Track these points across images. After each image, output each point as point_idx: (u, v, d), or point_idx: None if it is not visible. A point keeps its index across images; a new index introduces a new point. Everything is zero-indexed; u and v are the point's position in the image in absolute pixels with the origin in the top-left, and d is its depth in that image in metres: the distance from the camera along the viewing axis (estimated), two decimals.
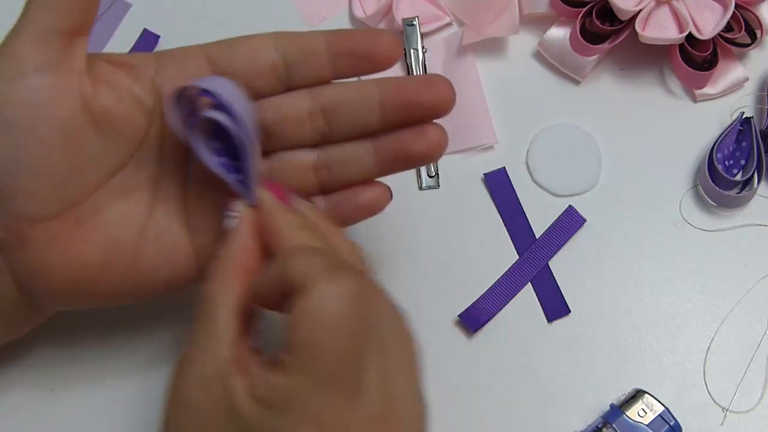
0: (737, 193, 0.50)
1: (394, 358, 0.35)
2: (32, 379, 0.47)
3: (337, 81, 0.41)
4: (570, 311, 0.49)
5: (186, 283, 0.41)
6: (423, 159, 0.40)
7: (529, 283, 0.50)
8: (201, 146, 0.37)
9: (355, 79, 0.43)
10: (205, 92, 0.37)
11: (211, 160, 0.37)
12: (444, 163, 0.52)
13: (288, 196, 0.38)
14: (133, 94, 0.39)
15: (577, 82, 0.54)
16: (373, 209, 0.41)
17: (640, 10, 0.51)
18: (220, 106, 0.37)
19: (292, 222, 0.36)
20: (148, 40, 0.55)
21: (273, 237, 0.36)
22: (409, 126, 0.39)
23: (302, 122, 0.40)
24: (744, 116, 0.51)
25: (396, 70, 0.54)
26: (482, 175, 0.52)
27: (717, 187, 0.50)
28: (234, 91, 0.37)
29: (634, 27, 0.51)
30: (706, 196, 0.51)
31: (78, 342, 0.48)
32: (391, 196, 0.42)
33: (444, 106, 0.39)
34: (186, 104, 0.37)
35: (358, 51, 0.39)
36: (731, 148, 0.51)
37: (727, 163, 0.51)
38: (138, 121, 0.39)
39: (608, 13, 0.51)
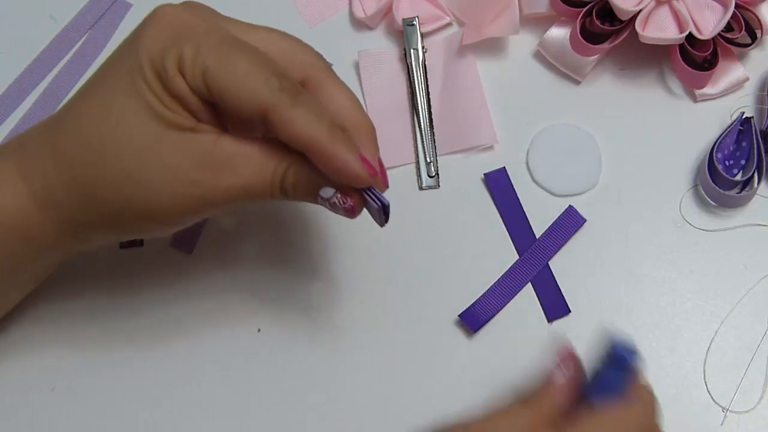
0: (737, 193, 0.50)
1: None
2: (32, 379, 0.47)
3: None
4: (570, 311, 0.49)
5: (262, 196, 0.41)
6: None
7: (529, 283, 0.50)
8: None
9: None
10: None
11: None
12: (444, 163, 0.52)
13: None
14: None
15: (577, 82, 0.54)
16: None
17: (640, 10, 0.51)
18: None
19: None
20: None
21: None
22: None
23: None
24: (744, 116, 0.51)
25: (396, 71, 0.54)
26: (482, 175, 0.52)
27: (717, 187, 0.50)
28: None
29: (634, 27, 0.51)
30: (706, 196, 0.51)
31: (78, 342, 0.48)
32: None
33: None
34: None
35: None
36: (731, 148, 0.51)
37: (727, 163, 0.51)
38: None
39: (608, 13, 0.51)
